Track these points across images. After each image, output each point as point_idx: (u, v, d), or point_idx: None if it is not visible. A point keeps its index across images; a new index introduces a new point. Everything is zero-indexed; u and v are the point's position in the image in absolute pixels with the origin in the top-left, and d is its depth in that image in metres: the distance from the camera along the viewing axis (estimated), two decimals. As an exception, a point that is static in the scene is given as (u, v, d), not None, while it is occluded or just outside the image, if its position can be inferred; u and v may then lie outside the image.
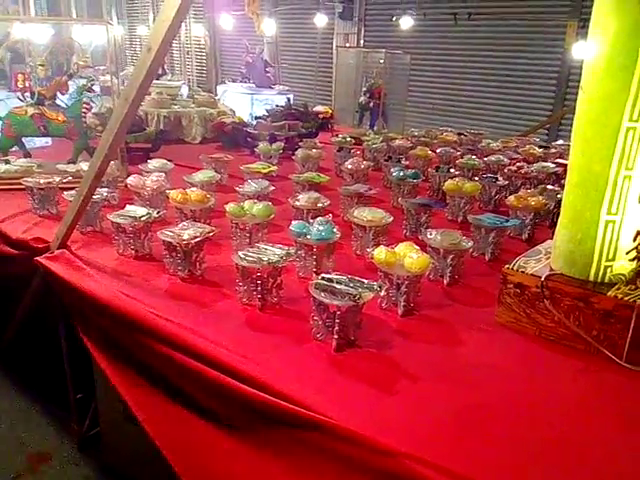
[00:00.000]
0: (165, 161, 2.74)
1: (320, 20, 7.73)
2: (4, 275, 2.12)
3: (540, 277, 1.41)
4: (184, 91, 5.54)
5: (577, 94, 1.32)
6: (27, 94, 2.94)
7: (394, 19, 7.31)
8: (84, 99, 2.79)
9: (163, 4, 1.23)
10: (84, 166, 2.62)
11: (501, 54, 7.73)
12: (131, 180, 2.29)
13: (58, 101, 2.90)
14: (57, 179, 2.28)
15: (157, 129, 3.75)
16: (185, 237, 1.68)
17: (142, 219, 1.85)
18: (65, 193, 2.11)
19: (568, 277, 1.39)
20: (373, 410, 1.16)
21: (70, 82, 2.97)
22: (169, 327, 1.43)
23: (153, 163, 2.71)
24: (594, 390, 1.27)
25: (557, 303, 1.38)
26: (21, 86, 4.31)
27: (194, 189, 2.15)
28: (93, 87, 2.89)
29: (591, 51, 1.25)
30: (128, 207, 1.98)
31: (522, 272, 1.45)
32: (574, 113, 1.37)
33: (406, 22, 7.11)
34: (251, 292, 1.57)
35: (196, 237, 1.68)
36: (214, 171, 2.68)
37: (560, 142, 4.25)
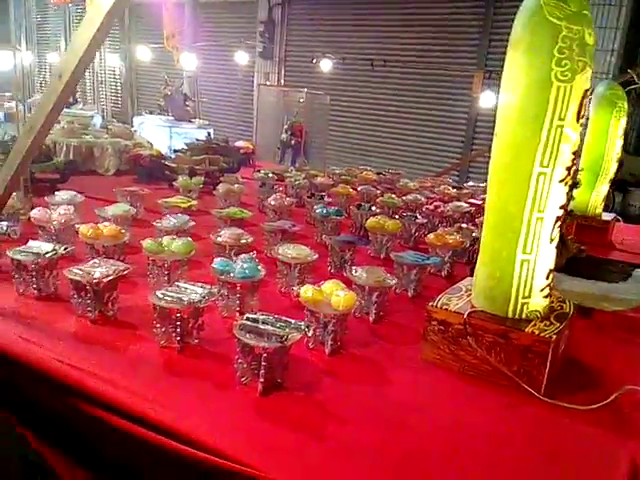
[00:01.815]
0: (74, 193, 2.56)
1: (241, 58, 7.82)
2: None
3: (462, 314, 1.44)
4: (97, 121, 5.31)
5: (484, 138, 1.39)
6: None
7: (314, 61, 7.55)
8: (-15, 125, 2.57)
9: (77, 31, 1.16)
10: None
11: (414, 99, 8.21)
12: (35, 213, 2.11)
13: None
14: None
15: (66, 159, 3.53)
16: (96, 276, 1.55)
17: (47, 256, 1.69)
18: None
19: (489, 314, 1.43)
20: (302, 458, 1.10)
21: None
22: (75, 375, 1.30)
23: (61, 195, 2.52)
24: (518, 425, 1.29)
25: (479, 339, 1.41)
26: None
27: (107, 223, 2.02)
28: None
29: (504, 101, 1.32)
30: (31, 242, 1.80)
31: (445, 309, 1.48)
32: (483, 156, 1.44)
33: (325, 64, 7.35)
34: (170, 334, 1.47)
35: (108, 275, 1.56)
36: (129, 204, 2.54)
37: (471, 183, 4.51)
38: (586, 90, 1.26)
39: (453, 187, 4.16)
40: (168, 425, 1.14)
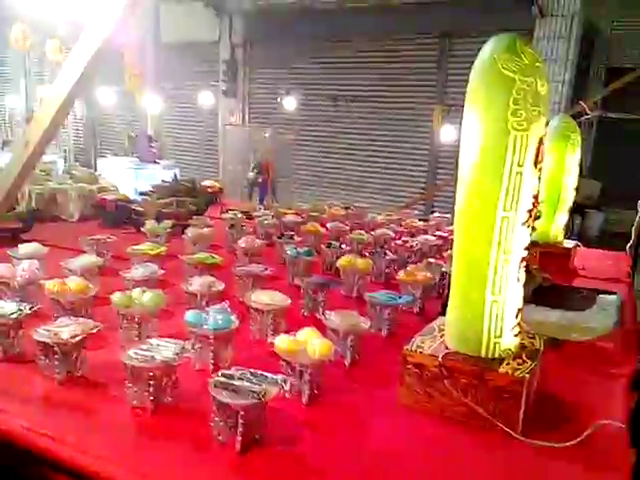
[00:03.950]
0: (38, 245, 2.49)
1: (205, 97, 7.89)
2: None
3: (437, 356, 1.45)
4: (60, 166, 5.24)
5: (447, 169, 1.44)
6: None
7: (278, 99, 7.68)
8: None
9: (42, 103, 1.16)
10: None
11: (378, 132, 8.41)
12: (-2, 269, 2.04)
13: None
14: None
15: (29, 208, 3.46)
16: (64, 336, 1.50)
17: (12, 316, 1.64)
18: None
19: (463, 355, 1.45)
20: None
21: None
22: (43, 443, 1.25)
23: (24, 248, 2.45)
24: (497, 466, 1.30)
25: (455, 381, 1.42)
26: None
27: (73, 277, 1.97)
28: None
29: (465, 148, 1.38)
30: (-6, 302, 1.75)
31: (420, 352, 1.49)
32: (448, 185, 1.49)
33: (289, 102, 7.48)
34: (142, 393, 1.43)
35: (77, 335, 1.52)
36: (96, 254, 2.49)
37: (437, 214, 4.61)
38: (541, 137, 1.32)
39: (419, 219, 4.24)
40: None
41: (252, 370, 1.36)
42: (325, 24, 8.26)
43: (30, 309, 1.71)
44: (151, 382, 1.40)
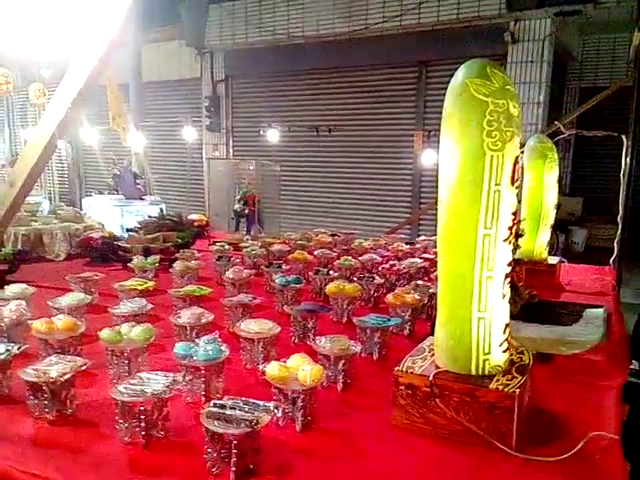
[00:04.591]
0: (24, 286, 2.48)
1: (188, 133, 7.98)
2: None
3: (428, 376, 1.46)
4: (45, 206, 5.23)
5: (430, 192, 1.47)
6: None
7: (261, 132, 7.79)
8: None
9: (28, 144, 1.18)
10: None
11: (361, 159, 8.54)
12: (-16, 311, 2.02)
13: None
14: None
15: (15, 249, 3.44)
16: (53, 375, 1.49)
17: (0, 358, 1.62)
18: None
19: (453, 373, 1.46)
20: None
21: None
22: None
23: (10, 289, 2.43)
24: (493, 485, 1.30)
25: (447, 400, 1.43)
26: None
27: (61, 316, 1.96)
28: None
29: (444, 169, 1.42)
30: (-19, 344, 1.73)
31: (411, 373, 1.49)
32: (433, 209, 1.52)
33: (272, 134, 7.59)
34: (134, 429, 1.41)
35: (65, 373, 1.50)
36: (83, 292, 2.48)
37: (422, 237, 4.66)
38: (516, 156, 1.37)
39: (406, 243, 4.28)
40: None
41: (244, 399, 1.35)
42: (303, 57, 8.47)
43: (18, 349, 1.69)
44: (142, 417, 1.39)
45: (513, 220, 1.40)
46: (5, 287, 2.47)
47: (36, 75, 9.43)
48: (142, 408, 1.38)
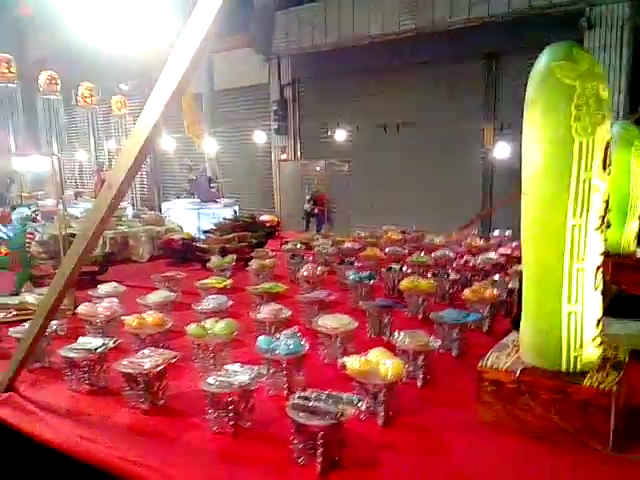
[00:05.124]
0: (115, 284, 2.65)
1: (259, 137, 8.18)
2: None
3: (514, 372, 1.41)
4: (129, 211, 5.55)
5: (502, 186, 1.42)
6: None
7: (328, 132, 7.83)
8: (28, 229, 2.73)
9: (123, 147, 1.26)
10: (28, 298, 2.49)
11: (429, 155, 8.38)
12: (82, 309, 2.18)
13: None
14: (1, 315, 2.14)
15: (104, 252, 3.67)
16: (147, 366, 1.58)
17: (98, 351, 1.74)
18: (11, 330, 1.97)
19: (541, 370, 1.40)
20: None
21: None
22: (137, 470, 1.31)
23: (103, 287, 2.61)
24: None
25: (535, 397, 1.38)
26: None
27: (150, 312, 2.08)
28: (37, 216, 2.84)
29: (527, 160, 1.37)
30: (81, 339, 1.86)
31: (496, 369, 1.45)
32: (507, 204, 1.46)
33: (340, 134, 7.61)
34: (222, 419, 1.47)
35: (159, 365, 1.59)
36: (168, 290, 2.61)
37: (496, 232, 4.50)
38: (607, 141, 1.30)
39: (480, 238, 4.15)
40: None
41: (327, 391, 1.37)
42: (369, 56, 8.43)
43: (114, 343, 1.81)
44: (230, 407, 1.44)
45: (605, 208, 1.33)
46: (98, 286, 2.65)
47: (115, 89, 10.04)
48: (230, 399, 1.43)
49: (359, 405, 1.35)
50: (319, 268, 3.00)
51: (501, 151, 6.78)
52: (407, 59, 8.24)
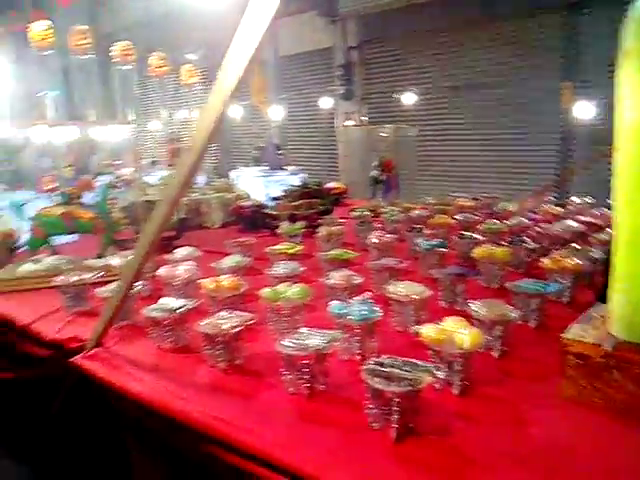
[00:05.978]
0: (192, 249, 2.76)
1: (323, 103, 8.10)
2: (37, 378, 2.07)
3: (602, 345, 1.34)
4: (201, 179, 5.70)
5: (581, 150, 1.31)
6: (55, 194, 3.03)
7: (396, 96, 7.63)
8: (110, 196, 2.87)
9: (200, 112, 1.27)
10: (112, 260, 2.64)
11: (501, 118, 7.99)
12: (162, 271, 2.29)
13: (84, 199, 2.98)
14: (89, 276, 2.28)
15: (179, 217, 3.80)
16: (225, 327, 1.64)
17: (179, 311, 1.82)
18: (97, 290, 2.10)
19: (633, 343, 1.32)
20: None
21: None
22: (218, 425, 1.37)
23: (180, 251, 2.72)
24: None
25: (626, 373, 1.30)
26: (48, 187, 4.47)
27: (226, 276, 2.14)
28: (118, 184, 2.98)
29: (622, 114, 1.26)
30: (162, 300, 1.96)
31: (582, 342, 1.38)
32: (585, 169, 1.36)
33: (408, 97, 7.40)
34: (297, 380, 1.51)
35: (237, 326, 1.65)
36: (241, 255, 2.68)
37: (574, 198, 4.24)
38: None
39: (557, 205, 3.94)
40: (309, 474, 1.16)
41: (403, 358, 1.37)
42: (436, 16, 8.05)
43: (194, 304, 1.89)
44: (305, 370, 1.47)
45: None
46: (175, 250, 2.76)
47: (182, 59, 10.22)
48: (305, 361, 1.46)
49: (437, 373, 1.33)
50: (388, 235, 2.97)
51: (581, 111, 6.33)
52: (479, 15, 7.81)
